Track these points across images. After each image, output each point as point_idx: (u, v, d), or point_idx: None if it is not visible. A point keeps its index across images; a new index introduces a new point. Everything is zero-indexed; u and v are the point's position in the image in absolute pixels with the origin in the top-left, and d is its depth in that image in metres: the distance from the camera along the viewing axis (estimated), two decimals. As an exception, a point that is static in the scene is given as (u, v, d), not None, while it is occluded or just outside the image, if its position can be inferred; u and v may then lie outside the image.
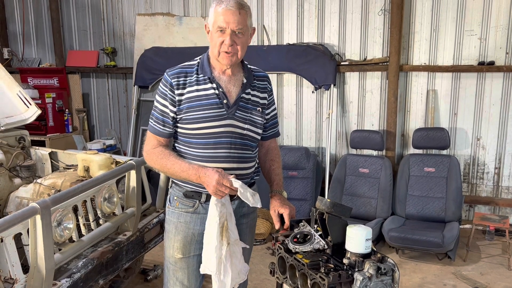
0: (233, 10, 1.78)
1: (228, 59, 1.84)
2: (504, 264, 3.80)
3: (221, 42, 1.81)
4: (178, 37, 5.29)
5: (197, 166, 1.83)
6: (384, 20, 4.59)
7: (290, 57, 4.80)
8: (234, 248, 1.86)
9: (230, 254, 1.84)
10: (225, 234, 1.81)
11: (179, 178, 1.92)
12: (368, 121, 4.82)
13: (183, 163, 1.85)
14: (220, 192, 1.77)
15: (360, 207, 4.38)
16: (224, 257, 1.82)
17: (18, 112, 3.33)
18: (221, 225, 1.80)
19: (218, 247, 1.80)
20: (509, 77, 4.34)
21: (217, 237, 1.79)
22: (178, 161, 1.86)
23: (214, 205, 1.81)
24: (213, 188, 1.76)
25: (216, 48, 1.83)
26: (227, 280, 1.84)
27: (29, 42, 6.15)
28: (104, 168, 2.81)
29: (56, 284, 2.08)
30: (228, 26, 1.79)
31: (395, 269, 1.59)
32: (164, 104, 1.89)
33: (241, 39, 1.83)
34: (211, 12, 1.84)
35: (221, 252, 1.81)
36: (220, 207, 1.81)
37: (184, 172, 1.83)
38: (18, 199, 2.72)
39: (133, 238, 2.70)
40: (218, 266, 1.81)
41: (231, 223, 1.84)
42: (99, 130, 6.07)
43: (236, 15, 1.79)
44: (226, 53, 1.82)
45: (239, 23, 1.80)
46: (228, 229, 1.81)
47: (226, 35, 1.80)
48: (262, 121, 2.00)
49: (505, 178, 4.51)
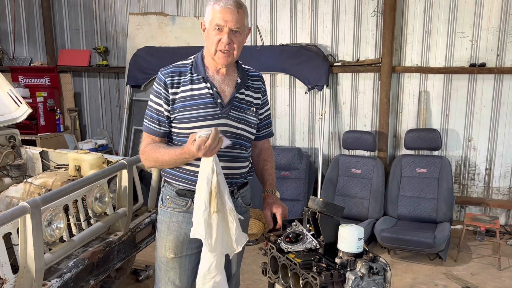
0: (231, 9, 1.77)
1: (225, 59, 1.83)
2: (495, 265, 3.82)
3: (218, 40, 1.80)
4: (171, 37, 5.28)
5: (180, 147, 1.80)
6: (377, 21, 4.61)
7: (283, 57, 4.81)
8: (228, 217, 1.81)
9: (222, 221, 1.80)
10: (214, 200, 1.76)
11: (173, 166, 1.91)
12: (360, 122, 4.84)
13: (169, 150, 1.84)
14: (207, 146, 1.66)
15: (352, 208, 4.40)
16: (215, 223, 1.78)
17: (8, 111, 3.29)
18: (209, 191, 1.76)
19: (207, 211, 1.76)
20: (500, 79, 4.38)
21: (205, 203, 1.76)
22: (165, 150, 1.86)
23: (204, 170, 1.76)
24: (200, 149, 1.66)
25: (213, 47, 1.82)
26: (217, 245, 1.80)
27: (20, 41, 6.10)
28: (95, 167, 2.79)
29: (46, 284, 2.06)
30: (226, 25, 1.78)
31: (387, 269, 1.59)
32: (159, 103, 1.88)
33: (238, 38, 1.83)
34: (208, 10, 1.82)
35: (210, 217, 1.77)
36: (209, 173, 1.75)
37: (171, 158, 1.83)
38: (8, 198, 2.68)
39: (125, 238, 2.68)
40: (206, 230, 1.76)
41: (224, 192, 1.79)
42: (91, 129, 6.03)
43: (235, 14, 1.78)
44: (222, 52, 1.81)
45: (237, 22, 1.79)
46: (216, 197, 1.76)
47: (223, 33, 1.79)
48: (256, 121, 2.00)
49: (496, 179, 4.55)
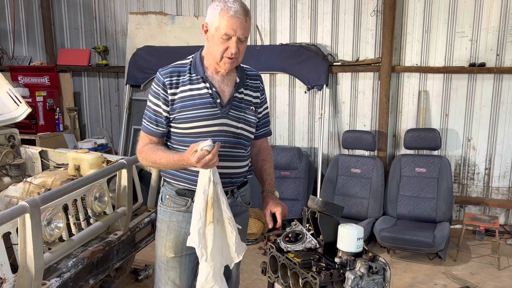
0: (241, 18, 1.76)
1: (230, 65, 1.84)
2: (494, 264, 3.83)
3: (226, 48, 1.79)
4: (171, 36, 5.27)
5: (180, 153, 1.80)
6: (377, 21, 4.61)
7: (283, 57, 4.81)
8: (227, 226, 1.82)
9: (220, 231, 1.81)
10: (210, 210, 1.77)
11: (171, 169, 1.91)
12: (360, 121, 4.84)
13: (168, 154, 1.84)
14: (207, 160, 1.66)
15: (352, 207, 4.40)
16: (211, 233, 1.78)
17: (7, 110, 3.29)
18: (205, 200, 1.76)
19: (201, 221, 1.76)
20: (500, 79, 4.38)
21: (200, 212, 1.76)
22: (164, 153, 1.85)
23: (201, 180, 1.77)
24: (200, 162, 1.67)
25: (219, 54, 1.81)
26: (215, 255, 1.81)
27: (20, 40, 6.09)
28: (95, 167, 2.79)
29: (46, 283, 2.06)
30: (235, 34, 1.77)
31: (387, 268, 1.59)
32: (157, 104, 1.88)
33: (244, 44, 1.83)
34: (214, 15, 1.78)
35: (205, 227, 1.77)
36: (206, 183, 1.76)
37: (169, 162, 1.83)
38: (8, 198, 2.68)
39: (124, 238, 2.68)
40: (200, 239, 1.77)
41: (222, 201, 1.80)
42: (91, 129, 6.03)
43: (243, 23, 1.78)
44: (228, 58, 1.81)
45: (245, 31, 1.79)
46: (212, 207, 1.77)
47: (232, 42, 1.78)
48: (255, 120, 2.01)
49: (495, 178, 4.55)
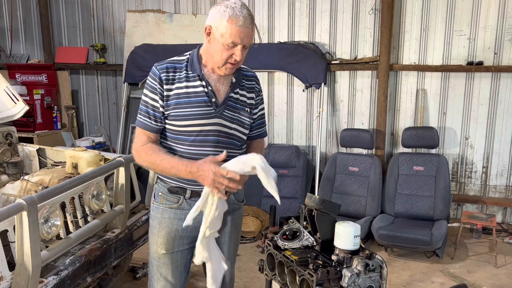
0: (249, 28, 1.77)
1: (231, 70, 1.85)
2: (491, 262, 3.84)
3: (231, 54, 1.79)
4: (169, 34, 5.26)
5: (187, 161, 1.79)
6: (375, 19, 4.61)
7: (281, 55, 4.81)
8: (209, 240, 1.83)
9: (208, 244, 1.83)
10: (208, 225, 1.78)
11: (169, 175, 1.89)
12: (358, 120, 4.84)
13: (173, 159, 1.82)
14: (219, 184, 1.70)
15: (350, 205, 4.40)
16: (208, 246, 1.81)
17: (5, 108, 3.29)
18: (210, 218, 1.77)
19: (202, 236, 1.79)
20: (497, 77, 4.39)
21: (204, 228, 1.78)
22: (168, 156, 1.83)
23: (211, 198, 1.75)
24: (211, 182, 1.71)
25: (222, 60, 1.81)
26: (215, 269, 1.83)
27: (18, 38, 6.07)
28: (92, 165, 2.78)
29: (43, 281, 2.05)
30: (241, 42, 1.78)
31: (383, 266, 1.60)
32: (154, 99, 1.86)
33: (247, 50, 1.84)
34: (222, 21, 1.75)
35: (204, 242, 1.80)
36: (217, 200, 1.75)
37: (173, 168, 1.80)
38: (5, 196, 2.68)
39: (122, 236, 2.68)
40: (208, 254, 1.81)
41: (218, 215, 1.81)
42: (88, 127, 6.02)
43: (250, 32, 1.79)
44: (231, 64, 1.82)
45: (251, 39, 1.81)
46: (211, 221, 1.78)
47: (237, 50, 1.78)
48: (250, 121, 2.00)
49: (493, 177, 4.56)
